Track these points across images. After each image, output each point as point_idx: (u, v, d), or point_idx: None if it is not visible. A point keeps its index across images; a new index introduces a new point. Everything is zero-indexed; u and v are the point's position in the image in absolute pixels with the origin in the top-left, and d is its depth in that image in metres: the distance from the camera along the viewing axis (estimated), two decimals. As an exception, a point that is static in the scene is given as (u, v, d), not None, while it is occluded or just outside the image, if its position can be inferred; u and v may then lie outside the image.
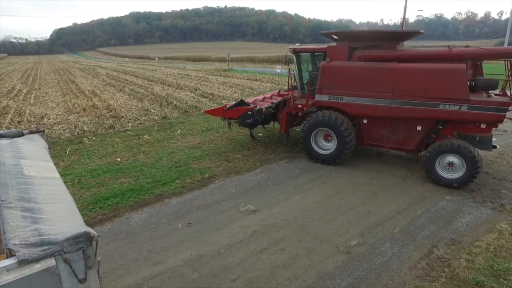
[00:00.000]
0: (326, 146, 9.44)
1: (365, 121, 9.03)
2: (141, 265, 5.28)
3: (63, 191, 2.36)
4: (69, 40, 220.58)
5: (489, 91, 8.18)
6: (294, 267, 5.19)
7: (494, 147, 8.26)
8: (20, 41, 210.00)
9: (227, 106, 10.70)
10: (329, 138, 9.34)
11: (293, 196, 7.60)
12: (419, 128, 8.46)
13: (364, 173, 8.89)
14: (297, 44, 10.73)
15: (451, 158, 7.83)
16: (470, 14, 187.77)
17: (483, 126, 7.81)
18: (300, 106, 9.90)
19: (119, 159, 9.99)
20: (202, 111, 15.03)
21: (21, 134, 3.55)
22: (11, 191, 2.19)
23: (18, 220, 1.90)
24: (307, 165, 9.50)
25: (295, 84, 10.77)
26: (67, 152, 10.62)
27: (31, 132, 3.62)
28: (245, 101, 11.17)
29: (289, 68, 10.51)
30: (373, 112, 8.60)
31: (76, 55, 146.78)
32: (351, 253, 5.52)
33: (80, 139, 12.17)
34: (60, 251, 1.75)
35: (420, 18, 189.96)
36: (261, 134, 11.04)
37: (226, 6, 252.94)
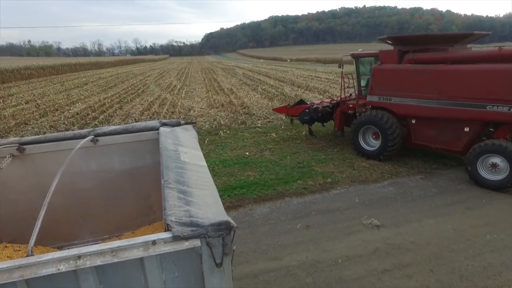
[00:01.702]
0: (374, 143, 10.06)
1: (413, 121, 9.33)
2: (259, 257, 5.53)
3: (209, 179, 2.62)
4: (216, 43, 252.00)
5: None
6: (422, 300, 4.54)
7: None
8: (178, 44, 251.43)
9: (290, 105, 12.53)
10: (377, 136, 9.81)
11: (427, 218, 6.66)
12: (466, 129, 8.36)
13: (529, 205, 7.10)
14: (359, 50, 11.52)
15: (494, 159, 7.67)
16: None
17: None
18: (351, 105, 10.88)
19: (247, 153, 10.75)
20: (272, 109, 15.73)
21: (178, 124, 4.16)
22: (171, 173, 2.56)
23: (175, 200, 2.18)
24: (448, 184, 8.20)
25: (351, 86, 11.83)
26: (206, 142, 12.05)
27: (186, 123, 4.19)
28: (312, 102, 12.66)
29: (342, 72, 11.25)
30: (418, 112, 8.94)
31: (219, 57, 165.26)
32: (502, 303, 4.48)
33: (217, 131, 13.66)
34: (205, 234, 1.93)
35: None
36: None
37: (364, 6, 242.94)
